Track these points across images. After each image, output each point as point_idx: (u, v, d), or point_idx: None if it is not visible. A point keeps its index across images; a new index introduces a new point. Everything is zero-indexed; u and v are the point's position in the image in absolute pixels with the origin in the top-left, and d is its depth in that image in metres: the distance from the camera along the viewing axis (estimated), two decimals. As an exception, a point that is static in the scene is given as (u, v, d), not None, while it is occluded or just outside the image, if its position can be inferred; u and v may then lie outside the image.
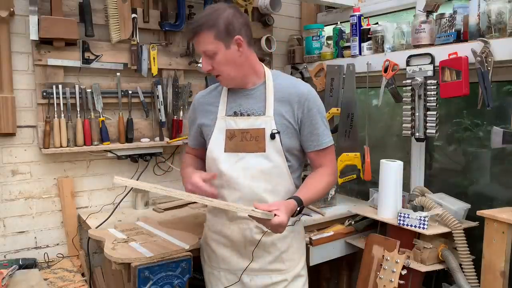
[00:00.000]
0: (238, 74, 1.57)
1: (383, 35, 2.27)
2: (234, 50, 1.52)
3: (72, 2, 2.13)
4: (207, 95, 1.72)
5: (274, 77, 1.64)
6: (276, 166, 1.58)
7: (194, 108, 1.74)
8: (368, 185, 2.48)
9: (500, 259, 1.71)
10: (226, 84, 1.63)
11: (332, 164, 1.68)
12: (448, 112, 2.29)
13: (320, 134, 1.61)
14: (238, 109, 1.61)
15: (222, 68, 1.55)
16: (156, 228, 1.93)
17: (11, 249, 2.10)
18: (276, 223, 1.39)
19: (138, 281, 1.56)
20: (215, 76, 1.60)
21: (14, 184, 2.10)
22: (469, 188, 2.24)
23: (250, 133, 1.57)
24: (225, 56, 1.52)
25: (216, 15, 1.49)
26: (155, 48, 2.33)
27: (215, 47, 1.51)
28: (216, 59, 1.52)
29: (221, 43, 1.50)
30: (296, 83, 1.63)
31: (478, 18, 1.87)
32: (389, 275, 1.93)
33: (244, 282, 1.62)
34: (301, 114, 1.58)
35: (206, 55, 1.54)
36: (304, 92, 1.59)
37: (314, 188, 1.59)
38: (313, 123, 1.59)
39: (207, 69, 1.56)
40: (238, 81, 1.61)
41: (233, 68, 1.55)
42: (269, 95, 1.59)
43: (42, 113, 2.08)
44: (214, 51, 1.51)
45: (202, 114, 1.69)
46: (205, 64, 1.56)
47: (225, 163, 1.59)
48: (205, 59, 1.55)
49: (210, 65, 1.55)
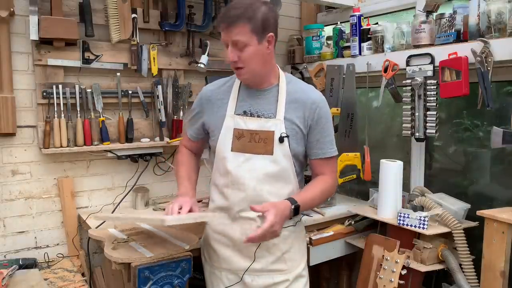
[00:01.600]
0: (262, 71, 1.57)
1: (383, 35, 2.27)
2: (264, 47, 1.53)
3: (72, 2, 2.13)
4: (216, 90, 1.70)
5: (288, 81, 1.64)
6: (282, 170, 1.58)
7: (201, 101, 1.71)
8: (368, 185, 2.48)
9: (500, 259, 1.71)
10: (246, 79, 1.60)
11: (333, 174, 1.69)
12: (448, 112, 2.29)
13: (326, 142, 1.62)
14: (248, 108, 1.60)
15: (249, 62, 1.53)
16: (156, 228, 1.92)
17: (11, 249, 2.10)
18: (267, 226, 1.39)
19: (138, 281, 1.56)
20: (236, 68, 1.56)
21: (14, 184, 2.10)
22: (469, 188, 2.24)
23: (259, 135, 1.57)
24: (256, 50, 1.51)
25: (254, 8, 1.49)
26: (155, 48, 2.33)
27: (249, 40, 1.50)
28: (246, 51, 1.51)
29: (255, 37, 1.50)
30: (308, 90, 1.64)
31: (478, 18, 1.87)
32: (389, 275, 1.93)
33: (246, 282, 1.62)
34: (311, 121, 1.59)
35: (235, 46, 1.51)
36: (317, 99, 1.60)
37: (312, 192, 1.60)
38: (322, 132, 1.61)
39: (233, 59, 1.53)
40: (259, 79, 1.60)
41: (259, 63, 1.55)
42: (281, 98, 1.59)
43: (42, 113, 2.08)
44: (246, 43, 1.50)
45: (210, 109, 1.67)
46: (232, 54, 1.52)
47: (232, 163, 1.58)
48: (233, 49, 1.52)
49: (237, 56, 1.52)
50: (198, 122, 1.73)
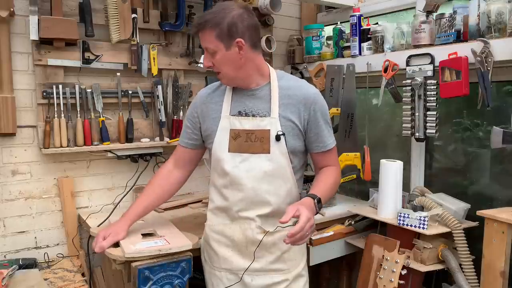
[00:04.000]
0: (238, 75, 1.58)
1: (383, 35, 2.27)
2: (234, 52, 1.52)
3: (72, 2, 2.13)
4: (211, 93, 1.70)
5: (279, 77, 1.64)
6: (279, 168, 1.58)
7: (196, 106, 1.72)
8: (368, 185, 2.48)
9: (500, 259, 1.71)
10: (226, 83, 1.64)
11: (337, 163, 1.73)
12: (448, 112, 2.29)
13: (325, 136, 1.63)
14: (243, 108, 1.61)
15: (221, 67, 1.56)
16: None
17: (11, 249, 2.10)
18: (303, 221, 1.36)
19: (138, 281, 1.56)
20: (216, 73, 1.60)
21: (14, 184, 2.10)
22: (469, 188, 2.24)
23: (255, 134, 1.57)
24: (225, 56, 1.53)
25: (222, 14, 1.50)
26: (155, 48, 2.33)
27: (215, 46, 1.51)
28: (216, 57, 1.54)
29: (221, 44, 1.51)
30: (301, 85, 1.64)
31: (478, 18, 1.87)
32: (389, 275, 1.93)
33: (246, 282, 1.62)
34: (308, 116, 1.59)
35: (207, 52, 1.55)
36: (311, 94, 1.60)
37: (325, 184, 1.62)
38: (319, 125, 1.61)
39: (207, 65, 1.57)
40: (239, 81, 1.61)
41: (232, 68, 1.55)
42: (274, 97, 1.59)
43: (42, 113, 2.08)
44: (214, 50, 1.52)
45: (206, 112, 1.67)
46: (206, 60, 1.57)
47: (229, 163, 1.59)
48: (206, 55, 1.57)
49: (210, 61, 1.56)
50: (192, 128, 1.72)
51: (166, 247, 1.61)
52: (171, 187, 1.77)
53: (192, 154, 1.76)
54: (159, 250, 1.59)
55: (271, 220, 1.60)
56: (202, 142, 1.73)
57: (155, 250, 1.59)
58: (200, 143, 1.73)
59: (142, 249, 1.58)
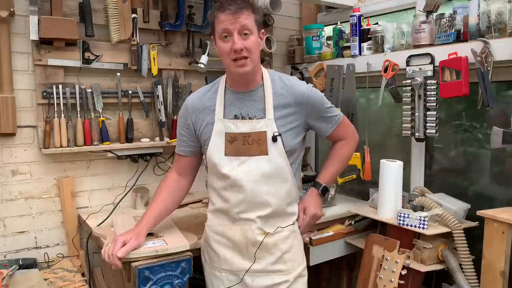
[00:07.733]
0: (257, 65, 1.59)
1: (383, 35, 2.27)
2: (260, 41, 1.57)
3: (72, 2, 2.13)
4: (201, 97, 1.67)
5: (272, 77, 1.64)
6: (278, 169, 1.58)
7: (186, 113, 1.68)
8: (368, 185, 2.48)
9: (500, 259, 1.71)
10: (247, 72, 1.54)
11: (350, 131, 1.78)
12: (448, 112, 2.29)
13: (329, 116, 1.68)
14: (238, 112, 1.60)
15: (252, 51, 1.52)
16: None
17: (11, 249, 2.10)
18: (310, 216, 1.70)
19: (138, 281, 1.56)
20: (239, 59, 1.51)
21: (14, 184, 2.10)
22: (469, 188, 2.24)
23: (252, 137, 1.57)
24: (257, 41, 1.54)
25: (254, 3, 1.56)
26: (155, 48, 2.33)
27: (253, 28, 1.52)
28: (250, 40, 1.51)
29: (255, 28, 1.53)
30: (293, 84, 1.63)
31: (478, 18, 1.87)
32: (389, 275, 1.93)
33: (246, 283, 1.62)
34: (306, 111, 1.61)
35: (241, 33, 1.49)
36: (303, 91, 1.61)
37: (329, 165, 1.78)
38: (321, 112, 1.66)
39: (240, 47, 1.48)
40: (251, 76, 1.58)
41: (257, 56, 1.57)
42: (268, 98, 1.59)
43: (42, 113, 2.08)
44: (252, 31, 1.51)
45: (198, 117, 1.65)
46: (239, 42, 1.48)
47: (227, 167, 1.58)
48: (239, 37, 1.49)
49: (242, 45, 1.49)
50: (190, 134, 1.69)
51: (163, 248, 1.61)
52: (180, 192, 1.78)
53: (193, 160, 1.75)
54: (156, 251, 1.59)
55: (271, 221, 1.60)
56: (200, 147, 1.71)
57: (152, 251, 1.59)
58: (198, 149, 1.72)
59: (139, 250, 1.58)
